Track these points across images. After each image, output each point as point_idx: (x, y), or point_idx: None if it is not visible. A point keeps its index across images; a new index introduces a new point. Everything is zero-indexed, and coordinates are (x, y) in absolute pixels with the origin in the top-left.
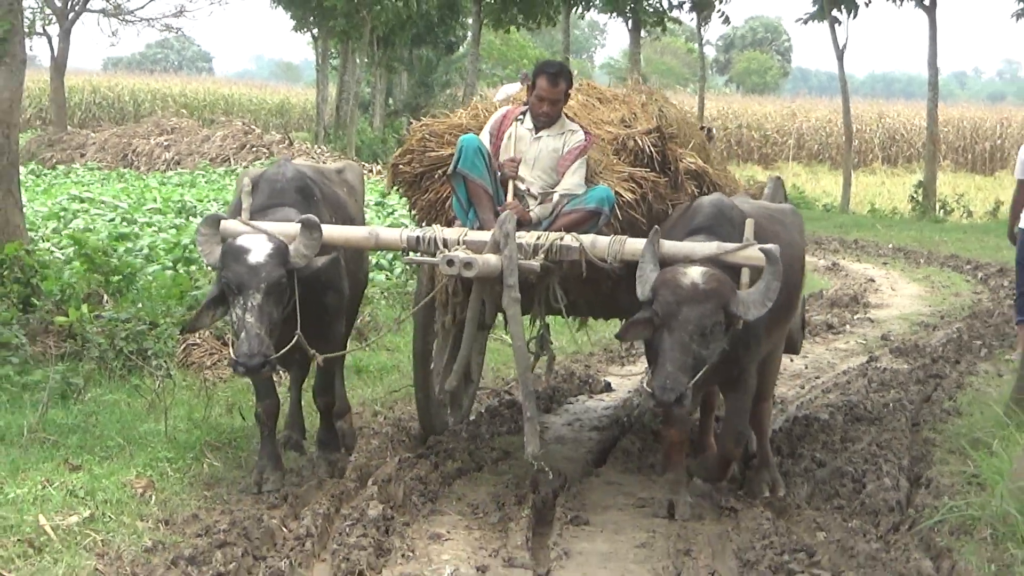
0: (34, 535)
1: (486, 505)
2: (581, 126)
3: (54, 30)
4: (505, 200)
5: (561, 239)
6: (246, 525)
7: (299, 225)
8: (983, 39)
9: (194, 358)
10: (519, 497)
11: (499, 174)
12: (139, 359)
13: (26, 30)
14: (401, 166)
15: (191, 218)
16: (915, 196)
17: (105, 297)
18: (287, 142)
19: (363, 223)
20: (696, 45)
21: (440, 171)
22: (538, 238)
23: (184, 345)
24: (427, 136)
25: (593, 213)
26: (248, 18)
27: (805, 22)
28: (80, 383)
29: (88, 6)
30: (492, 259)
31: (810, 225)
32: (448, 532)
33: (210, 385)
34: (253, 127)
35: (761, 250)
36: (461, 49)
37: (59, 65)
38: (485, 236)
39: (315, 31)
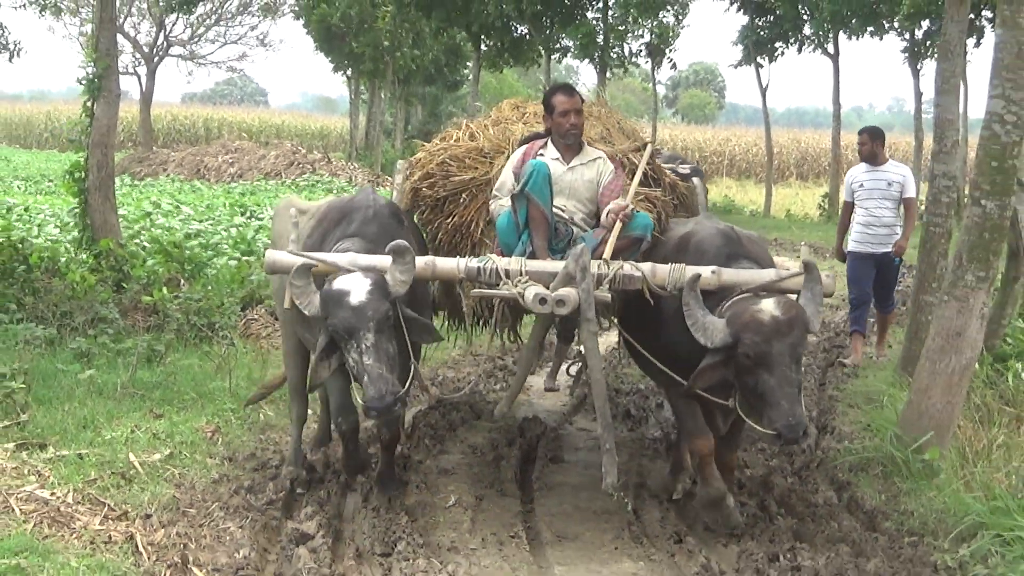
0: (125, 469)
1: (483, 447)
2: (604, 152)
3: (142, 70)
4: (556, 231)
5: (621, 268)
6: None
7: (389, 255)
8: (876, 80)
9: (253, 330)
10: (509, 441)
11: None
12: (209, 331)
13: (120, 70)
14: (423, 190)
15: (251, 218)
16: (822, 204)
17: (182, 281)
18: (326, 160)
19: None
20: (650, 84)
21: (464, 195)
22: (600, 267)
23: (245, 320)
24: (448, 160)
25: (636, 240)
26: (296, 61)
27: (736, 67)
28: (162, 349)
29: (169, 51)
30: (574, 293)
31: (739, 227)
32: (453, 468)
33: (265, 351)
34: (299, 148)
35: (804, 263)
36: (464, 87)
37: (146, 98)
38: (546, 266)
39: (349, 72)
